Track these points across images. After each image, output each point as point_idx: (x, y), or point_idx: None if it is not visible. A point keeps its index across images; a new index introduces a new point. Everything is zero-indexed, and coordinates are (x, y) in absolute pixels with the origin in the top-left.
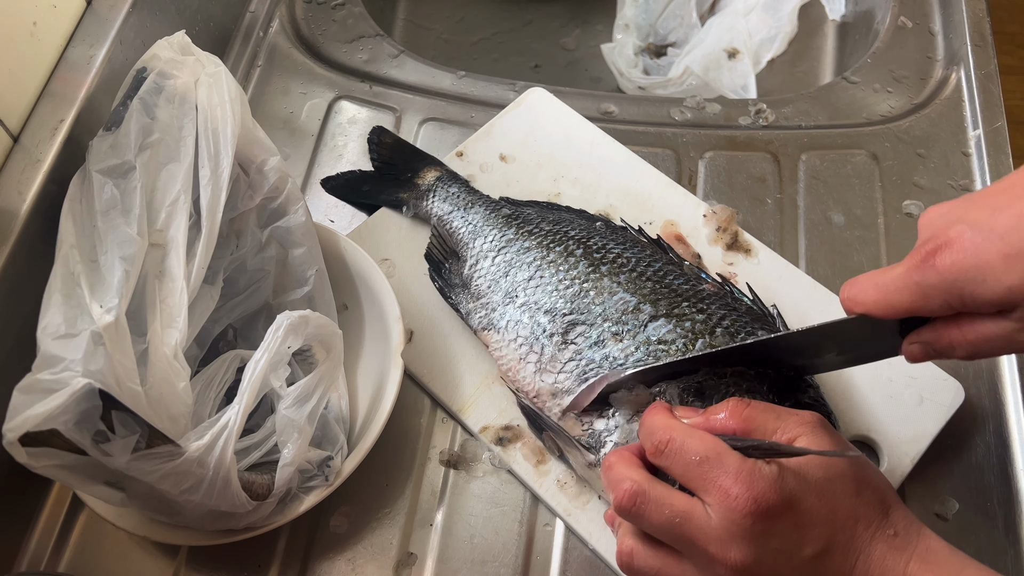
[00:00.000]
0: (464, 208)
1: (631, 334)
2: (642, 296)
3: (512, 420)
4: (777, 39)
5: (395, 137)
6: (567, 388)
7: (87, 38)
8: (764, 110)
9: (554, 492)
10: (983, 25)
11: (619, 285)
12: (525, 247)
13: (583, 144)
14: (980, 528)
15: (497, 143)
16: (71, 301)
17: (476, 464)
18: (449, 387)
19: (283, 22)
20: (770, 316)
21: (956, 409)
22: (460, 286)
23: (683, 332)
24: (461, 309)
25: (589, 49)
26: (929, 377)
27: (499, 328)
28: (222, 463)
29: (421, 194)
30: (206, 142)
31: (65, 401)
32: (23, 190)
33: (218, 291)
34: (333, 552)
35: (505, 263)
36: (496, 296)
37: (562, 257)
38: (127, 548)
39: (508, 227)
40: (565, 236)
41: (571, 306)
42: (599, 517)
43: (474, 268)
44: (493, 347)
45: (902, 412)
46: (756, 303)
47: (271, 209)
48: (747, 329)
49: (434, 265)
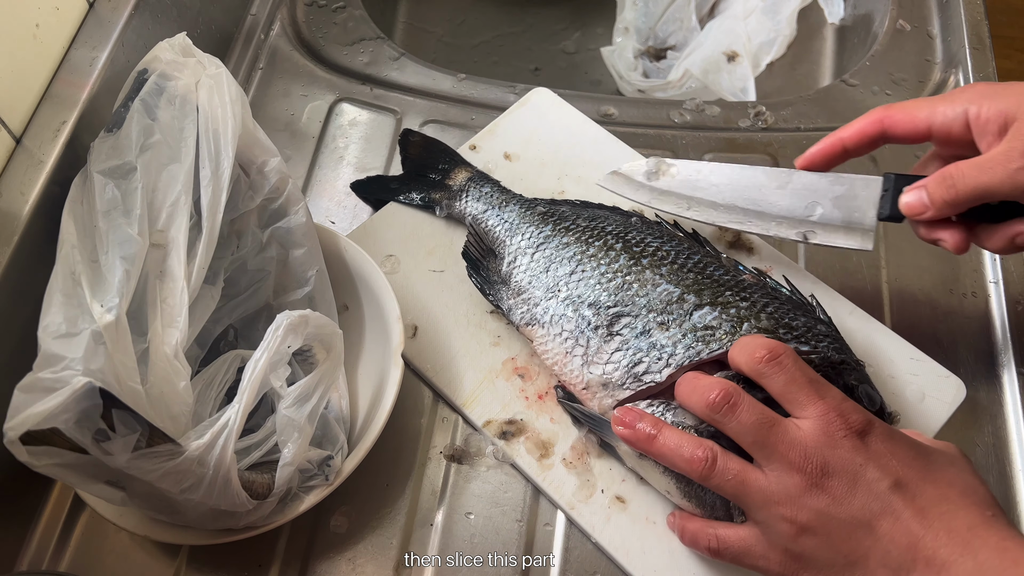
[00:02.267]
0: (499, 207)
1: (677, 323)
2: (685, 287)
3: (515, 414)
4: (776, 42)
5: (424, 137)
6: (617, 379)
7: (89, 40)
8: (763, 112)
9: (557, 486)
10: (981, 28)
11: (661, 277)
12: (564, 242)
13: (587, 143)
14: None
15: (502, 142)
16: (72, 300)
17: (479, 458)
18: (453, 382)
19: (284, 25)
20: (809, 305)
21: (958, 406)
22: (499, 283)
23: (728, 317)
24: (502, 306)
25: (589, 52)
26: (931, 374)
27: (543, 323)
28: (222, 462)
29: (454, 195)
30: (207, 143)
31: (66, 400)
32: (25, 191)
33: (219, 291)
34: (333, 552)
35: (545, 259)
36: (538, 292)
37: (602, 251)
38: (128, 548)
39: (545, 223)
40: (603, 231)
41: (615, 298)
42: (601, 511)
43: (513, 265)
44: (538, 342)
45: (904, 409)
46: (795, 293)
47: (272, 210)
48: (790, 315)
49: (471, 263)
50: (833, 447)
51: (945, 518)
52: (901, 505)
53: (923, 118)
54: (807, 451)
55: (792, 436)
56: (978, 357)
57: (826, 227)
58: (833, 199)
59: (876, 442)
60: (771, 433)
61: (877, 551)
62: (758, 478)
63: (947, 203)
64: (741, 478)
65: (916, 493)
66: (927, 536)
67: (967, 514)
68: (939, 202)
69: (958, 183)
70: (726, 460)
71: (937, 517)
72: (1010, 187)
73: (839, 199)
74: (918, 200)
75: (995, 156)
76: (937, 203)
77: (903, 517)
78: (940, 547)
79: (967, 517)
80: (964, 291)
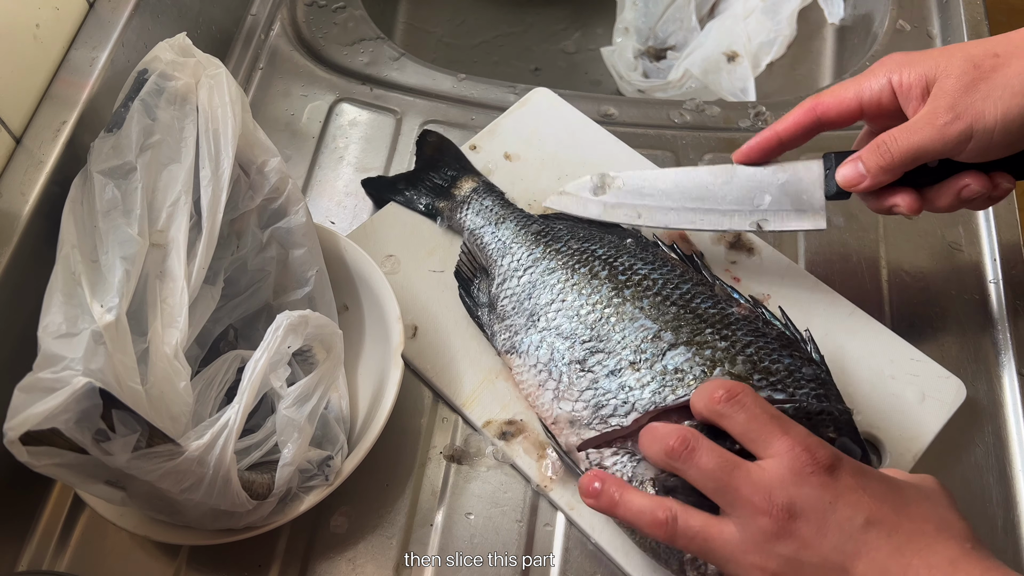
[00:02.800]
0: (495, 223)
1: (648, 363)
2: (664, 323)
3: (515, 415)
4: (776, 42)
5: (441, 138)
6: (583, 418)
7: (89, 40)
8: (763, 112)
9: (556, 486)
10: (981, 28)
11: (641, 311)
12: (550, 268)
13: (587, 143)
14: (979, 529)
15: (502, 142)
16: (72, 301)
17: (479, 459)
18: (453, 382)
19: (284, 25)
20: (802, 340)
21: (958, 407)
22: (487, 305)
23: (701, 360)
24: (488, 330)
25: (589, 52)
26: (931, 375)
27: (520, 352)
28: (222, 462)
29: (456, 205)
30: (207, 143)
31: (66, 400)
32: (25, 191)
33: (219, 291)
34: (333, 552)
35: (529, 284)
36: (520, 319)
37: (585, 280)
38: (128, 548)
39: (536, 245)
40: (592, 256)
41: (591, 332)
42: None
43: (501, 287)
44: (515, 371)
45: (904, 409)
46: (788, 327)
47: (272, 210)
48: (772, 357)
49: (463, 283)
50: (799, 485)
51: (923, 554)
52: (876, 544)
53: (852, 96)
54: (771, 493)
55: (755, 478)
56: (978, 357)
57: (777, 213)
58: (779, 186)
59: (846, 477)
60: (732, 477)
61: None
62: (722, 531)
63: (883, 169)
64: (704, 535)
65: (891, 530)
66: (907, 574)
67: (945, 548)
68: (875, 169)
69: (891, 147)
70: (687, 518)
71: (915, 554)
72: (941, 144)
73: (784, 185)
74: (855, 171)
75: (923, 116)
76: (873, 170)
77: (879, 557)
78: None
79: (946, 551)
80: (964, 291)
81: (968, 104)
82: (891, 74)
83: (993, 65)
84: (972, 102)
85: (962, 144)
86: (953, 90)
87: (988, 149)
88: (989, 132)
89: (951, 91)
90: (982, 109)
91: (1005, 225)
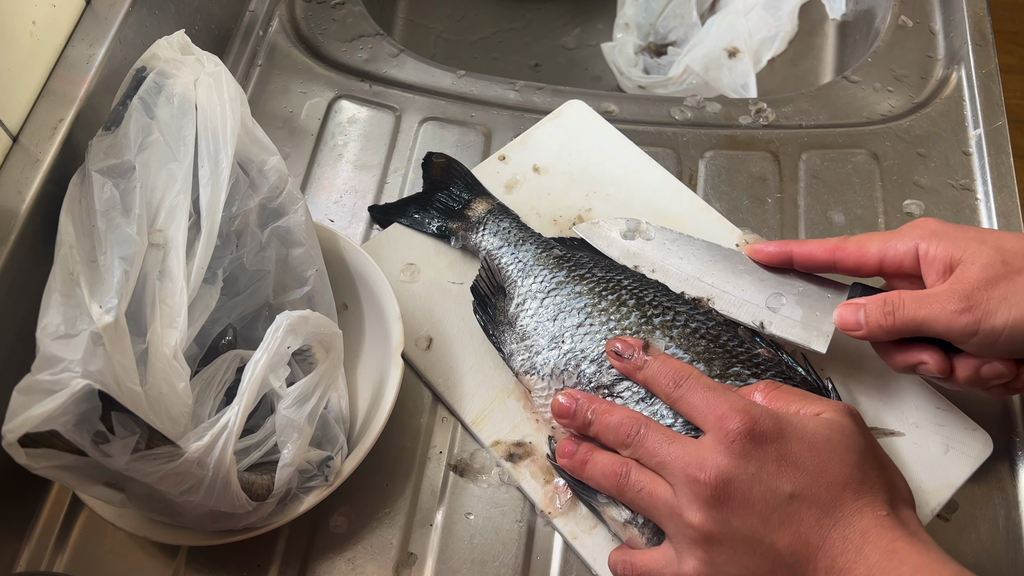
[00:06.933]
0: (515, 244)
1: None
2: (696, 354)
3: (524, 437)
4: (777, 38)
5: (448, 159)
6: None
7: (86, 37)
8: (764, 109)
9: (562, 514)
10: (984, 24)
11: (672, 340)
12: (576, 291)
13: (618, 161)
14: (980, 529)
15: (532, 154)
16: (70, 301)
17: (483, 475)
18: (464, 398)
19: (283, 21)
20: (824, 389)
21: (983, 461)
22: (505, 324)
23: None
24: (504, 349)
25: (589, 48)
26: (957, 426)
27: (542, 374)
28: (222, 463)
29: (471, 226)
30: (205, 142)
31: (64, 402)
32: (22, 190)
33: (218, 291)
34: (333, 552)
35: (555, 306)
36: (542, 340)
37: (614, 306)
38: (127, 548)
39: (560, 268)
40: (619, 285)
41: None
42: (606, 543)
43: (520, 307)
44: (535, 393)
45: (927, 460)
46: (810, 374)
47: (271, 209)
48: None
49: (479, 299)
50: (731, 455)
51: (840, 526)
52: (798, 516)
53: (875, 253)
54: (703, 461)
55: (690, 447)
56: (1005, 406)
57: (785, 320)
58: (797, 294)
59: (768, 445)
60: (671, 449)
61: (781, 566)
62: (665, 490)
63: (882, 328)
64: (649, 490)
65: (811, 501)
66: (825, 545)
67: (860, 519)
68: (873, 325)
69: (897, 312)
70: (639, 475)
71: (832, 526)
72: (945, 328)
73: (802, 296)
74: (854, 318)
75: (937, 293)
76: (871, 325)
77: (800, 529)
78: (837, 556)
79: (860, 522)
80: None
81: (983, 299)
82: (920, 241)
83: (1021, 267)
84: (988, 298)
85: (967, 336)
86: (974, 280)
87: (993, 347)
88: (996, 333)
89: (971, 280)
90: (995, 309)
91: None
